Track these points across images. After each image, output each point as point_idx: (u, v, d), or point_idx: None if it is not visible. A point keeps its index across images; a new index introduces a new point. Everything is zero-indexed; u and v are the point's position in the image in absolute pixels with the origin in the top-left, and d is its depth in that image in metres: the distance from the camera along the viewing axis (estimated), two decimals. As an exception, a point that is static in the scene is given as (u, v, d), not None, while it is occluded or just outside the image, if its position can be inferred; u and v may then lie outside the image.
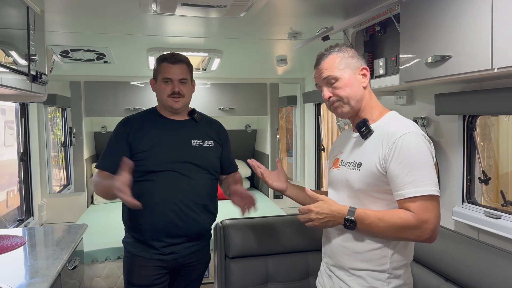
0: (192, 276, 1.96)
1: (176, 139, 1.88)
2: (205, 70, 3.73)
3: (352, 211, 1.30)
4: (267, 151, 4.56)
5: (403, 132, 1.26)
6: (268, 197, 4.48)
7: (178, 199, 1.81)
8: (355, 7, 2.19)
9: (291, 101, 4.46)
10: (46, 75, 2.03)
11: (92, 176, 1.87)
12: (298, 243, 2.13)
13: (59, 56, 3.14)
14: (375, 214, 1.28)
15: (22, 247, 1.93)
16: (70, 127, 4.00)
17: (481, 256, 1.58)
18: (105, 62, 3.35)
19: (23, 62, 1.82)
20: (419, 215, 1.21)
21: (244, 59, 3.65)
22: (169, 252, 1.84)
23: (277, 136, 4.53)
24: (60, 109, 4.20)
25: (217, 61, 3.46)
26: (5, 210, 3.32)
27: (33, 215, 3.53)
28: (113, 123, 1.97)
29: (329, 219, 1.33)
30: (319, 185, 4.21)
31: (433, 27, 1.63)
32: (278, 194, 4.49)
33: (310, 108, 4.28)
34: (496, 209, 1.82)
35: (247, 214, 1.81)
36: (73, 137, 3.97)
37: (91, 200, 4.30)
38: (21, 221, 3.35)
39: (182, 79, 1.86)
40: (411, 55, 1.78)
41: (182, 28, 2.63)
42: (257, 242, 2.10)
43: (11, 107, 3.45)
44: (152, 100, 3.34)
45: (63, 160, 4.31)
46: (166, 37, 2.85)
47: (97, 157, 4.56)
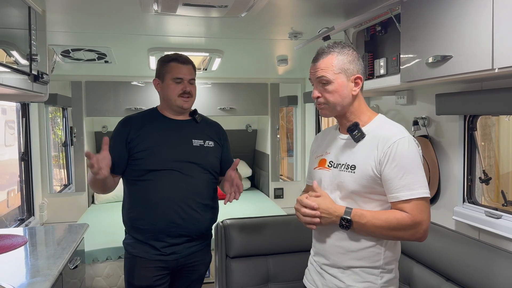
0: (193, 276, 1.95)
1: (177, 138, 1.88)
2: (205, 70, 3.74)
3: (348, 211, 1.33)
4: (268, 151, 4.56)
5: (397, 137, 1.31)
6: (269, 197, 4.48)
7: (179, 198, 1.80)
8: (356, 7, 2.20)
9: (292, 101, 4.46)
10: (47, 74, 2.03)
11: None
12: (299, 242, 2.13)
13: (60, 56, 3.15)
14: (371, 214, 1.31)
15: (23, 246, 1.94)
16: (71, 127, 4.01)
17: (482, 256, 1.58)
18: (106, 62, 3.36)
19: (24, 62, 1.83)
20: (414, 216, 1.27)
21: (245, 59, 3.65)
22: (170, 253, 1.83)
23: (278, 136, 4.53)
24: (61, 109, 4.20)
25: (218, 61, 3.46)
26: (6, 209, 3.32)
27: (34, 215, 3.53)
28: (114, 123, 1.97)
29: (326, 215, 1.35)
30: (319, 185, 4.20)
31: (434, 27, 1.63)
32: (279, 194, 4.49)
33: (310, 108, 4.28)
34: (496, 209, 1.82)
35: (228, 203, 1.82)
36: (74, 136, 3.97)
37: (91, 200, 4.30)
38: (22, 221, 3.36)
39: (191, 79, 1.89)
40: (412, 55, 1.79)
41: (183, 28, 2.63)
42: (257, 241, 2.11)
43: (12, 107, 3.46)
44: (153, 100, 3.35)
45: (64, 159, 4.31)
46: (167, 37, 2.86)
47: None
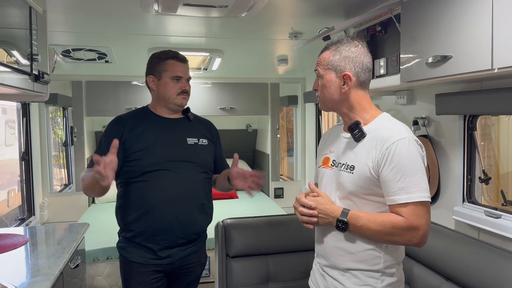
0: (190, 278, 1.93)
1: (172, 137, 1.84)
2: (206, 69, 3.74)
3: (345, 212, 1.29)
4: (268, 150, 4.57)
5: (396, 138, 1.25)
6: (269, 196, 4.49)
7: (176, 199, 1.77)
8: (356, 7, 2.20)
9: (292, 100, 4.46)
10: (48, 74, 2.03)
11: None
12: (299, 242, 2.13)
13: (61, 56, 3.15)
14: (367, 217, 1.27)
15: (24, 246, 1.94)
16: (71, 127, 4.01)
17: (482, 255, 1.58)
18: (107, 61, 3.36)
19: (25, 61, 1.83)
20: (410, 220, 1.22)
21: (245, 59, 3.65)
22: (165, 256, 1.80)
23: (278, 136, 4.53)
24: (61, 109, 4.20)
25: (218, 61, 3.46)
26: (6, 209, 3.33)
27: (34, 214, 3.53)
28: (114, 123, 1.96)
29: (322, 216, 1.33)
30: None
31: (434, 27, 1.64)
32: (279, 194, 4.49)
33: (311, 108, 4.28)
34: (496, 209, 1.83)
35: (255, 193, 1.76)
36: (74, 136, 3.98)
37: (92, 200, 4.30)
38: (22, 220, 3.36)
39: (189, 78, 1.88)
40: (411, 55, 1.79)
41: (183, 28, 2.63)
42: (258, 241, 2.11)
43: (12, 107, 3.46)
44: (153, 99, 3.36)
45: (64, 159, 4.32)
46: (168, 37, 2.86)
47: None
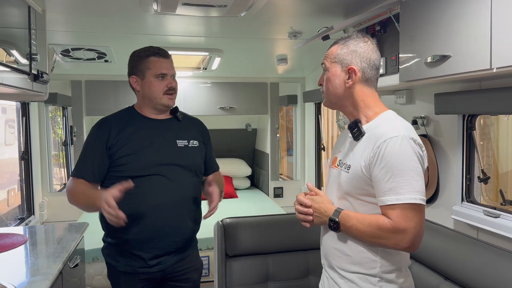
0: (187, 285, 1.84)
1: (161, 140, 1.74)
2: (205, 69, 3.74)
3: (338, 212, 1.27)
4: (267, 150, 4.57)
5: (389, 136, 1.19)
6: (268, 196, 4.49)
7: (166, 205, 1.68)
8: (355, 6, 2.20)
9: (292, 100, 4.46)
10: (47, 74, 2.03)
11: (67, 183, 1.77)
12: (298, 241, 2.14)
13: (60, 55, 3.15)
14: (356, 217, 1.25)
15: (23, 245, 1.94)
16: (71, 126, 4.01)
17: (480, 255, 1.58)
18: (106, 61, 3.36)
19: (24, 61, 1.83)
20: (396, 223, 1.17)
21: (244, 58, 3.65)
22: (154, 264, 1.71)
23: (278, 135, 4.53)
24: (61, 108, 4.20)
25: (217, 60, 3.46)
26: (6, 208, 3.33)
27: (34, 214, 3.53)
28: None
29: (317, 214, 1.32)
30: (319, 184, 4.22)
31: (433, 27, 1.64)
32: (278, 193, 4.49)
33: (310, 107, 4.28)
34: (495, 208, 1.83)
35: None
36: (74, 136, 3.98)
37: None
38: (22, 220, 3.36)
39: (174, 74, 1.76)
40: (410, 55, 1.79)
41: (182, 28, 2.63)
42: (257, 240, 2.11)
43: (12, 106, 3.46)
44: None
45: (64, 159, 4.32)
46: (167, 36, 2.86)
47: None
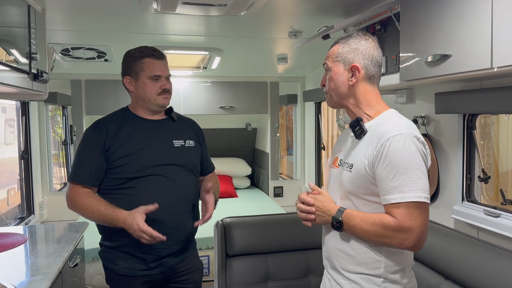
0: (189, 286, 1.83)
1: (157, 140, 1.74)
2: (205, 68, 3.74)
3: (341, 211, 1.27)
4: (267, 149, 4.56)
5: (392, 134, 1.19)
6: (268, 195, 4.49)
7: (166, 206, 1.66)
8: (355, 6, 2.20)
9: (292, 99, 4.46)
10: (47, 73, 2.03)
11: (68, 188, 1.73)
12: (298, 241, 2.14)
13: (60, 55, 3.15)
14: (360, 217, 1.24)
15: (23, 245, 1.94)
16: (71, 125, 4.01)
17: (481, 254, 1.58)
18: (106, 60, 3.36)
19: (24, 60, 1.83)
20: (401, 221, 1.16)
21: (244, 57, 3.65)
22: (155, 266, 1.71)
23: (278, 135, 4.53)
24: (61, 107, 4.20)
25: (217, 60, 3.46)
26: (5, 208, 3.33)
27: (34, 213, 3.53)
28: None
29: (320, 213, 1.31)
30: (319, 183, 4.22)
31: (433, 26, 1.63)
32: (278, 193, 4.49)
33: (310, 106, 4.28)
34: (495, 208, 1.83)
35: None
36: (74, 135, 3.98)
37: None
38: (22, 219, 3.36)
39: (168, 75, 1.77)
40: (411, 54, 1.79)
41: (182, 27, 2.63)
42: (257, 240, 2.11)
43: (11, 105, 3.46)
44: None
45: (64, 158, 4.32)
46: (167, 36, 2.86)
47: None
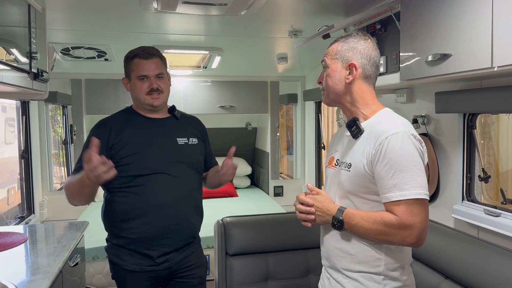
0: (194, 281, 1.85)
1: (161, 138, 1.77)
2: (205, 68, 3.74)
3: (341, 210, 1.28)
4: (268, 149, 4.56)
5: (390, 132, 1.21)
6: (269, 195, 4.49)
7: (172, 202, 1.71)
8: (355, 5, 2.20)
9: (292, 99, 4.46)
10: (47, 72, 2.03)
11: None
12: (298, 240, 2.14)
13: (60, 54, 3.15)
14: (361, 215, 1.25)
15: (23, 244, 1.94)
16: (71, 125, 4.01)
17: (481, 253, 1.58)
18: (106, 60, 3.36)
19: (24, 60, 1.83)
20: (402, 219, 1.18)
21: (244, 57, 3.65)
22: (162, 262, 1.73)
23: (278, 134, 4.53)
24: (61, 107, 4.20)
25: (217, 59, 3.46)
26: (6, 207, 3.33)
27: (34, 213, 3.53)
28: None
29: (320, 213, 1.32)
30: (319, 183, 4.22)
31: (434, 26, 1.63)
32: (278, 192, 4.50)
33: (310, 106, 4.28)
34: (495, 207, 1.83)
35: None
36: (74, 134, 3.98)
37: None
38: (22, 219, 3.37)
39: (159, 74, 1.75)
40: (411, 53, 1.79)
41: (182, 26, 2.63)
42: (257, 239, 2.11)
43: (11, 105, 3.46)
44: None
45: (64, 157, 4.32)
46: (167, 35, 2.86)
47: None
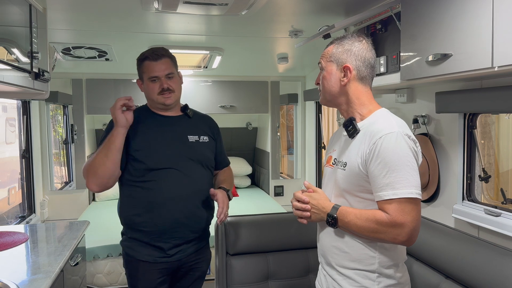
0: (196, 274, 1.94)
1: (173, 135, 1.85)
2: (206, 68, 3.74)
3: (336, 208, 1.31)
4: (268, 148, 4.57)
5: (384, 132, 1.23)
6: (269, 194, 4.49)
7: (182, 197, 1.78)
8: (356, 5, 2.20)
9: (292, 99, 4.46)
10: (48, 72, 2.03)
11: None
12: (299, 240, 2.14)
13: (61, 54, 3.15)
14: (354, 213, 1.28)
15: (24, 243, 1.95)
16: (72, 125, 4.02)
17: (481, 253, 1.58)
18: (107, 59, 3.36)
19: (25, 59, 1.83)
20: (394, 217, 1.20)
21: (245, 57, 3.65)
22: (174, 253, 1.81)
23: (278, 134, 4.53)
24: (62, 107, 4.21)
25: (218, 59, 3.46)
26: (7, 207, 3.34)
27: (35, 212, 3.54)
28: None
29: (315, 211, 1.35)
30: (319, 182, 4.22)
31: (434, 25, 1.63)
32: (279, 192, 4.50)
33: (311, 106, 4.28)
34: (496, 207, 1.83)
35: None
36: (75, 134, 3.98)
37: (92, 197, 4.31)
38: (23, 218, 3.37)
39: (169, 74, 1.82)
40: (412, 53, 1.79)
41: (183, 26, 2.63)
42: (258, 239, 2.12)
43: (12, 104, 3.47)
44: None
45: (65, 157, 4.33)
46: (168, 35, 2.86)
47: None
